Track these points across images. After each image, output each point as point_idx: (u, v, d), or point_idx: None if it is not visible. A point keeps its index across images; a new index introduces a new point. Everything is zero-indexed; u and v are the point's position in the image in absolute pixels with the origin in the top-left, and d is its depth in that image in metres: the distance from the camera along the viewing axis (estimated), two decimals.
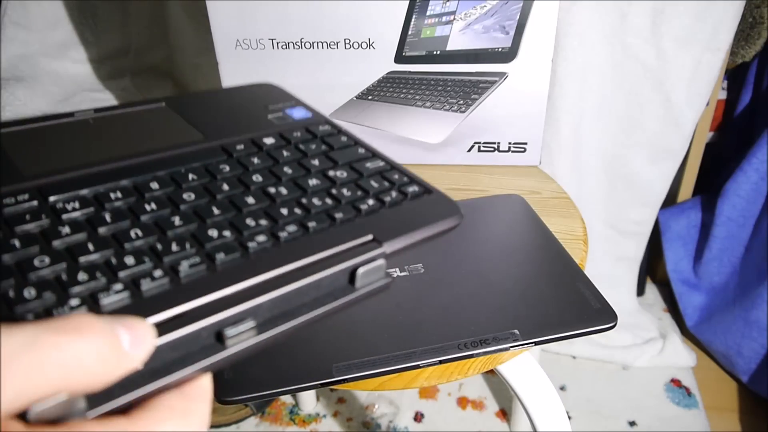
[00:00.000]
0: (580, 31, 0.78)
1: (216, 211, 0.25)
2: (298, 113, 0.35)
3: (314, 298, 0.23)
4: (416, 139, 0.61)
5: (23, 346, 0.14)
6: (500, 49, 0.57)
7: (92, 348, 0.16)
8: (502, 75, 0.58)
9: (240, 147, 0.30)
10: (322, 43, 0.57)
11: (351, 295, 0.24)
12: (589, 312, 0.43)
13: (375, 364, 0.40)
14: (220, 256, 0.22)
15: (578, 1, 0.76)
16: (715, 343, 0.99)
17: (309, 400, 0.94)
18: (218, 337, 0.20)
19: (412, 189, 0.28)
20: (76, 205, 0.24)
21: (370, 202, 0.27)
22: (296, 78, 0.59)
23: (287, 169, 0.29)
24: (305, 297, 0.23)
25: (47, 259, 0.21)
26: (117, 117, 0.32)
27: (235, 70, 0.59)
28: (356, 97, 0.60)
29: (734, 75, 1.02)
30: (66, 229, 0.22)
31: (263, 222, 0.25)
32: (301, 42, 0.57)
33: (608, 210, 0.94)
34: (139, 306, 0.20)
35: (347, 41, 0.57)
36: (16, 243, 0.21)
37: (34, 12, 0.91)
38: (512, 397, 0.93)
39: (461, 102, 0.59)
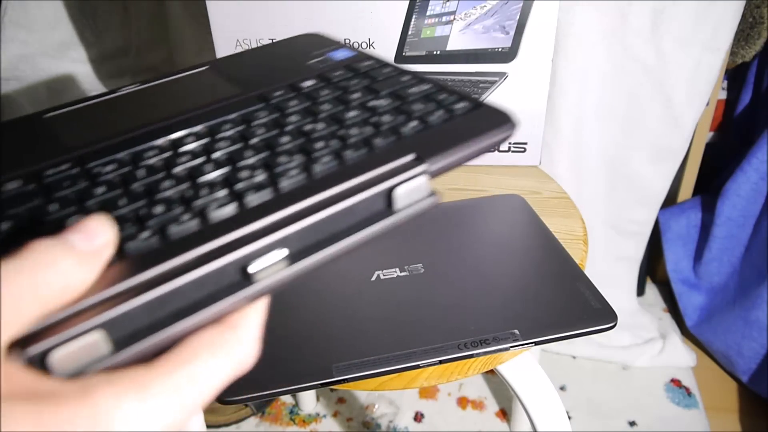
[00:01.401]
0: (580, 32, 0.78)
1: (249, 154, 0.25)
2: (340, 54, 0.34)
3: (350, 225, 0.22)
4: None
5: None
6: (500, 49, 0.57)
7: (47, 267, 0.16)
8: (502, 75, 0.58)
9: (277, 93, 0.30)
10: None
11: (391, 218, 0.23)
12: (589, 312, 0.43)
13: (375, 364, 0.40)
14: (250, 195, 0.22)
15: (578, 1, 0.76)
16: (715, 343, 0.99)
17: (309, 400, 0.94)
18: (244, 272, 0.20)
19: (461, 105, 0.27)
20: (111, 167, 0.25)
21: (413, 124, 0.26)
22: None
23: (325, 106, 0.28)
24: (339, 224, 0.22)
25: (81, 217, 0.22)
26: (161, 85, 0.33)
27: None
28: None
29: (734, 75, 1.02)
30: (100, 189, 0.23)
31: (297, 158, 0.24)
32: None
33: (608, 210, 0.94)
34: (165, 247, 0.20)
35: (347, 41, 0.57)
36: (52, 207, 0.22)
37: (34, 12, 0.91)
38: (512, 397, 0.93)
39: None
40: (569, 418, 0.92)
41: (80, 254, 0.17)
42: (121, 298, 0.18)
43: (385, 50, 0.57)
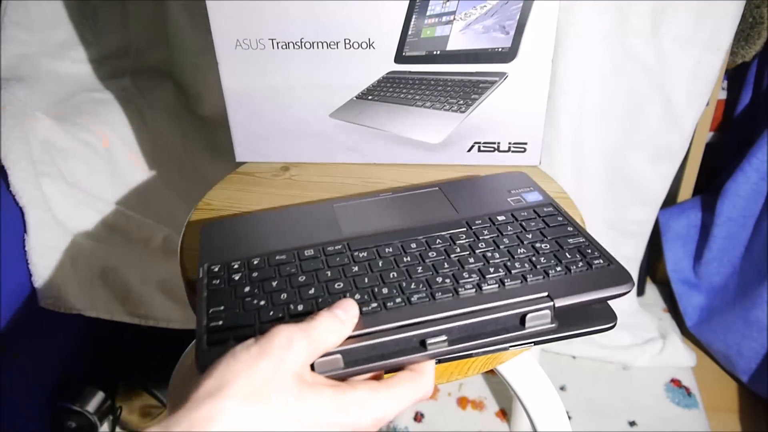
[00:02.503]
0: (580, 31, 0.78)
1: (446, 265, 0.38)
2: (532, 197, 0.47)
3: (493, 330, 0.34)
4: (416, 139, 0.61)
5: (300, 337, 0.30)
6: (500, 49, 0.57)
7: (325, 326, 0.31)
8: (502, 75, 0.58)
9: (478, 222, 0.43)
10: (322, 43, 0.57)
11: (520, 332, 0.34)
12: (589, 312, 0.43)
13: None
14: (439, 295, 0.35)
15: (578, 1, 0.76)
16: (715, 343, 0.99)
17: None
18: (422, 342, 0.33)
19: (597, 262, 0.38)
20: (365, 254, 0.40)
21: (558, 269, 0.37)
22: (296, 78, 0.59)
23: (506, 240, 0.41)
24: (487, 328, 0.34)
25: (341, 284, 0.37)
26: (405, 197, 0.49)
27: (235, 70, 0.59)
28: (356, 97, 0.60)
29: (734, 75, 1.02)
30: (355, 268, 0.39)
31: (474, 277, 0.37)
32: (301, 42, 0.57)
33: (608, 210, 0.94)
34: (383, 315, 0.34)
35: (347, 41, 0.57)
36: (328, 273, 0.38)
37: (34, 12, 0.91)
38: (512, 397, 0.93)
39: (461, 102, 0.59)
40: (569, 418, 0.92)
41: (342, 321, 0.32)
42: (352, 340, 0.32)
43: (385, 50, 0.57)
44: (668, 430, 0.90)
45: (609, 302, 0.43)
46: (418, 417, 0.92)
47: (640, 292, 1.12)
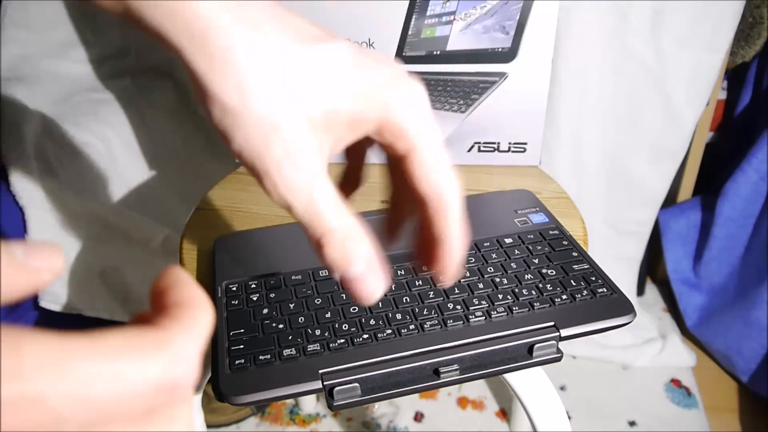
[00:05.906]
0: (580, 31, 0.78)
1: (456, 291, 0.39)
2: (537, 218, 0.47)
3: (502, 359, 0.35)
4: None
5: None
6: (500, 49, 0.57)
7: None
8: (502, 75, 0.58)
9: (486, 244, 0.44)
10: None
11: (527, 361, 0.35)
12: None
13: None
14: (450, 322, 0.36)
15: (578, 1, 0.76)
16: (715, 343, 0.99)
17: (309, 400, 0.94)
18: (436, 371, 0.34)
19: (601, 291, 0.39)
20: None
21: (564, 297, 0.38)
22: None
23: (513, 264, 0.42)
24: (496, 357, 0.35)
25: (356, 308, 0.38)
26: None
27: None
28: None
29: (734, 75, 1.02)
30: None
31: (484, 303, 0.38)
32: None
33: (608, 210, 0.94)
34: (398, 342, 0.35)
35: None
36: (343, 296, 0.39)
37: (34, 12, 0.91)
38: (512, 397, 0.93)
39: (461, 102, 0.59)
40: (569, 418, 0.92)
41: (16, 263, 0.17)
42: (369, 368, 0.34)
43: (385, 50, 0.57)
44: (668, 430, 0.90)
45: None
46: (418, 417, 0.92)
47: (640, 292, 1.12)
